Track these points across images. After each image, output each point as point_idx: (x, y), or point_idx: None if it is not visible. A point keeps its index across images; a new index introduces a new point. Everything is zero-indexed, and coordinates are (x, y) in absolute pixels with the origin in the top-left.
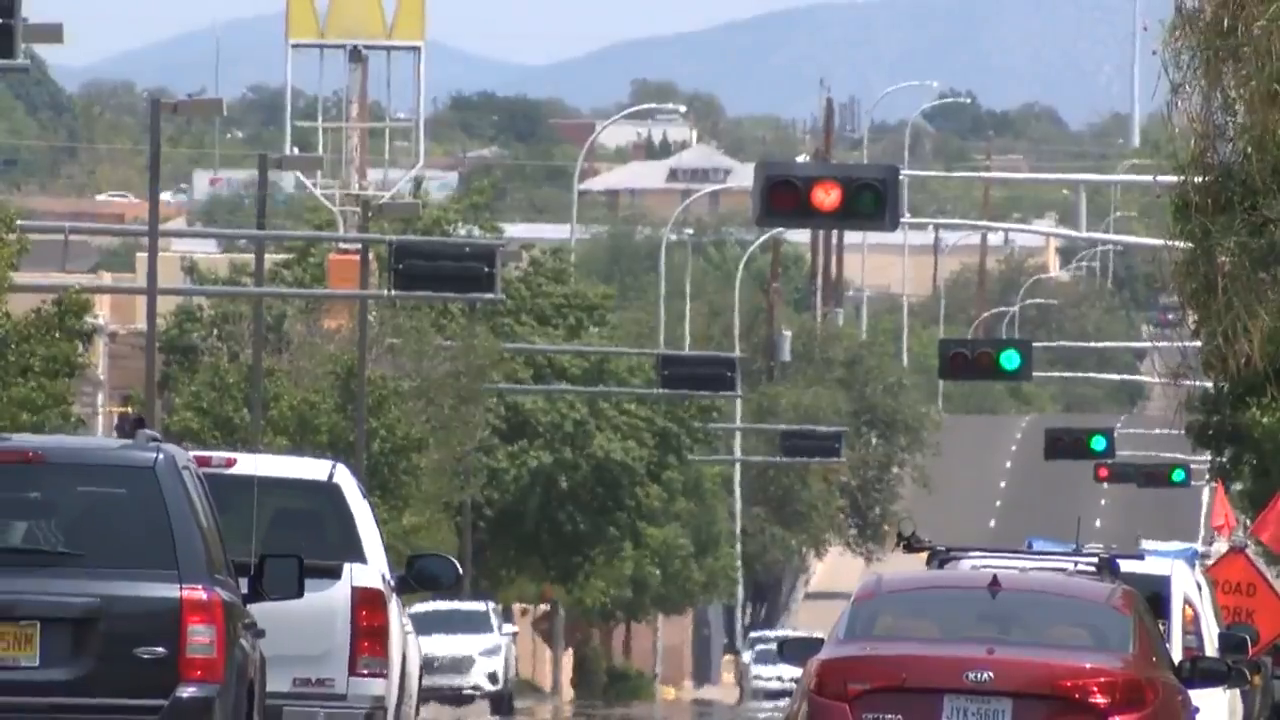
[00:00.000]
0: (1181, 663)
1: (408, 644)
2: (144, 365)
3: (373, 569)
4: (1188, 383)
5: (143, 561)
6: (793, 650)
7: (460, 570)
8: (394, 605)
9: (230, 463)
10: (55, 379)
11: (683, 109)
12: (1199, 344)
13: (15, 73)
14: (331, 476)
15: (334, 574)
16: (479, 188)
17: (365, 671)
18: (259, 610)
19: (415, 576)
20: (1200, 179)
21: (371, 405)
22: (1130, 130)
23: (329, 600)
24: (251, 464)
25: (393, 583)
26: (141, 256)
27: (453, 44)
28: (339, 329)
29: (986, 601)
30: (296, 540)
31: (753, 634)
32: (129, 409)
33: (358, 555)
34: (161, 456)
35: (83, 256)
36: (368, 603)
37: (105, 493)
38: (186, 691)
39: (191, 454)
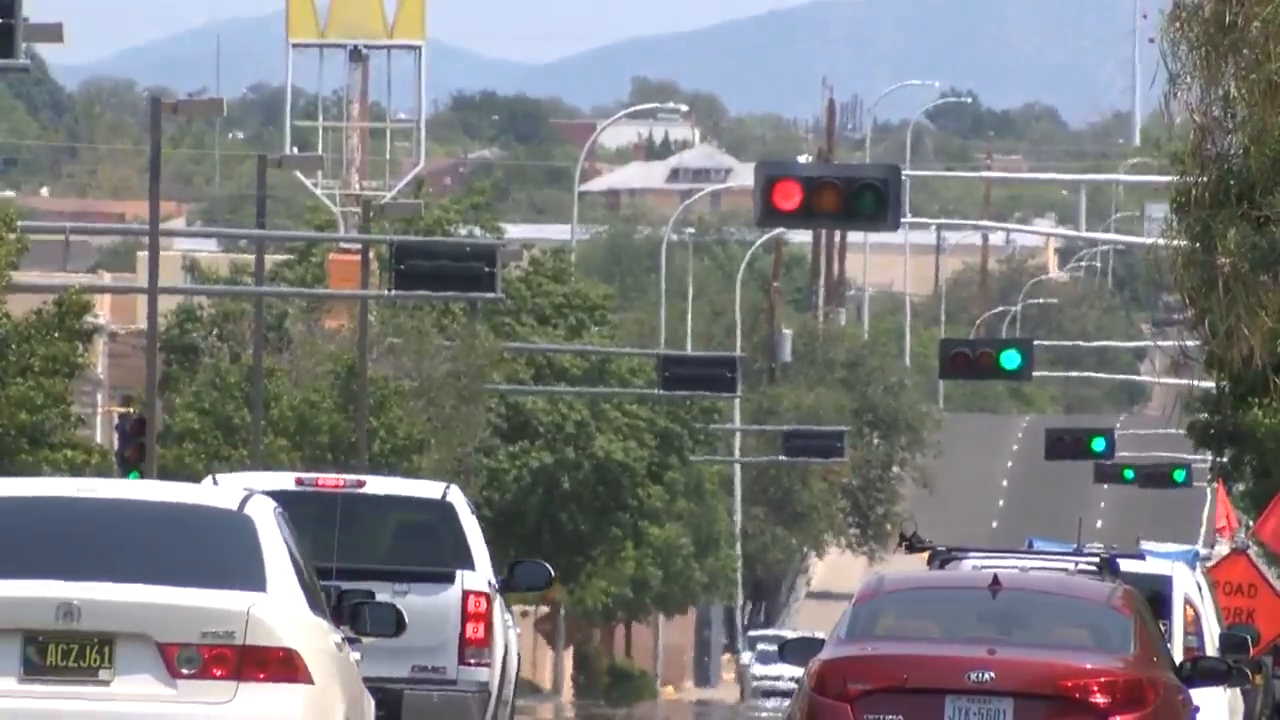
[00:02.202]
0: (1182, 663)
1: (509, 638)
2: (144, 365)
3: (480, 575)
4: (1189, 381)
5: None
6: (794, 650)
7: (553, 574)
8: (498, 605)
9: (360, 484)
10: (55, 379)
11: (684, 109)
12: (1200, 342)
13: (15, 72)
14: (445, 495)
15: (448, 579)
16: (480, 188)
17: (473, 661)
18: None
19: (515, 579)
20: (1199, 173)
21: (372, 405)
22: (1131, 129)
23: (444, 601)
24: (380, 485)
25: (496, 585)
26: (142, 256)
27: (453, 44)
28: (339, 329)
29: (988, 602)
30: (416, 549)
31: (753, 634)
32: (129, 409)
33: (467, 562)
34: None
35: (83, 256)
36: (475, 603)
37: None
38: None
39: (324, 477)
